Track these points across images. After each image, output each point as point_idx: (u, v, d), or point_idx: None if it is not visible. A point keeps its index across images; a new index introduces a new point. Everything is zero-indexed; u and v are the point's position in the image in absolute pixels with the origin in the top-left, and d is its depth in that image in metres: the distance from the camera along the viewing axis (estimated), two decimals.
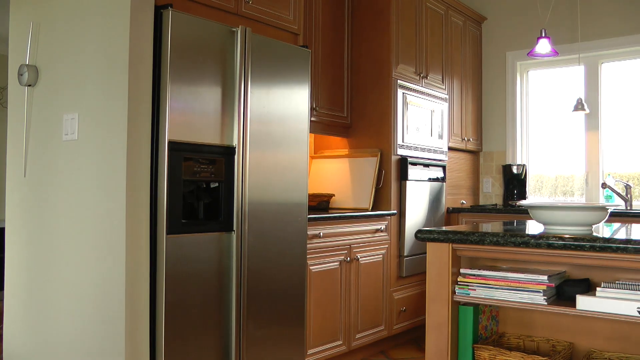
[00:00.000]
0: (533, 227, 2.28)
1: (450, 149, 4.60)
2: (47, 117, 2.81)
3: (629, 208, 4.42)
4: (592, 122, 4.73)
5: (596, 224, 2.14)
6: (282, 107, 3.03)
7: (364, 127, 3.95)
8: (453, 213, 4.50)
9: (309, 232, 3.23)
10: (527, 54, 2.95)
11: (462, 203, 4.75)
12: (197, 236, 2.65)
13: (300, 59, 3.14)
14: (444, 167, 4.35)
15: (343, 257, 3.48)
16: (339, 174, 3.93)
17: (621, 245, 1.77)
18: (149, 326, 2.50)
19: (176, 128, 2.54)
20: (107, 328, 2.49)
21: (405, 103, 3.93)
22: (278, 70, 3.01)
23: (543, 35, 2.79)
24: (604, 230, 2.23)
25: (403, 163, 3.89)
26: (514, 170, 4.61)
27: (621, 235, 1.98)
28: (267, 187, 2.94)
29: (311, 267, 3.27)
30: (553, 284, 1.94)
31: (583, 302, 1.87)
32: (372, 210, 3.75)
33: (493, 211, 4.42)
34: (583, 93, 4.73)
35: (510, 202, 4.61)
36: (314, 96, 3.70)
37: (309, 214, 3.29)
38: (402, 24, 3.98)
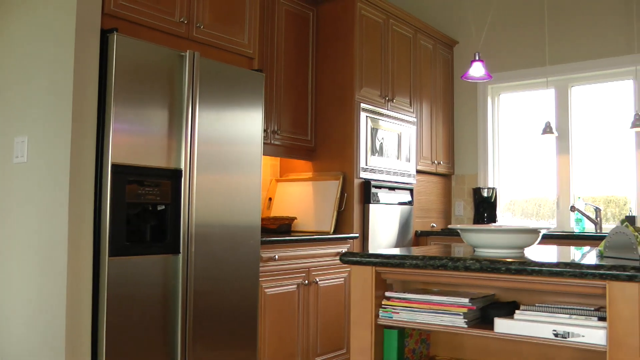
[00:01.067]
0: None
1: (419, 172, 4.59)
2: (1, 140, 2.85)
3: (598, 231, 4.37)
4: (563, 145, 4.72)
5: (528, 246, 2.12)
6: (234, 130, 3.05)
7: (328, 150, 3.96)
8: (422, 236, 4.47)
9: (264, 255, 3.23)
10: (461, 77, 2.96)
11: (433, 226, 4.72)
12: (142, 258, 2.65)
13: (254, 82, 3.17)
14: (411, 191, 4.34)
15: (301, 280, 3.46)
16: (303, 197, 3.93)
17: (536, 268, 1.76)
18: (90, 349, 2.49)
19: (120, 151, 2.56)
20: (47, 349, 2.48)
21: (369, 126, 3.94)
22: (230, 93, 3.04)
23: (477, 58, 2.81)
24: (535, 252, 2.20)
25: (367, 186, 3.89)
26: (484, 193, 4.59)
27: (549, 258, 1.96)
28: (216, 210, 2.95)
29: (266, 290, 3.25)
30: (474, 307, 1.91)
31: (501, 325, 1.84)
32: (334, 234, 3.73)
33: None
34: (554, 116, 4.74)
35: None
36: (275, 119, 3.72)
37: (269, 237, 3.30)
38: (367, 48, 4.02)
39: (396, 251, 2.18)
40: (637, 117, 4.12)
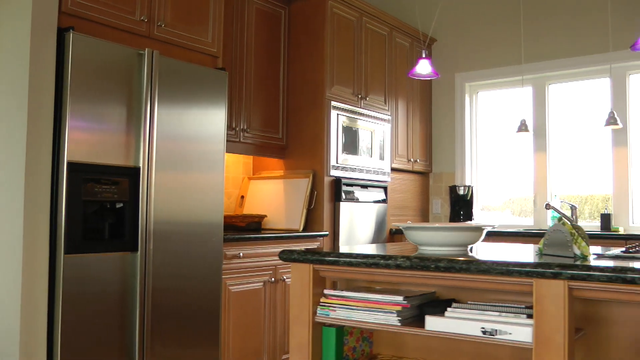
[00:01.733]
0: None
1: (395, 170, 4.58)
2: None
3: None
4: (540, 144, 4.69)
5: (471, 244, 2.11)
6: (196, 128, 3.05)
7: (299, 148, 3.96)
8: (397, 234, 4.46)
9: (228, 253, 3.23)
10: (408, 74, 2.94)
11: (409, 224, 4.69)
12: (99, 256, 2.66)
13: (217, 81, 3.17)
14: (385, 188, 4.33)
15: (268, 277, 3.46)
16: (274, 195, 3.93)
17: (464, 266, 1.75)
18: (46, 349, 2.50)
19: (77, 149, 2.57)
20: (1, 345, 2.49)
21: (340, 124, 3.94)
22: (191, 92, 3.04)
23: (424, 56, 2.80)
24: (479, 250, 2.19)
25: (337, 184, 3.88)
26: (460, 191, 4.57)
27: (486, 255, 1.95)
28: (177, 207, 2.95)
29: (230, 287, 3.25)
30: (409, 305, 1.90)
31: (431, 323, 1.83)
32: (303, 232, 3.73)
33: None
34: (531, 114, 4.71)
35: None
36: (245, 118, 3.72)
37: (232, 235, 3.30)
38: (339, 46, 4.01)
39: (347, 249, 2.18)
40: (611, 115, 4.09)
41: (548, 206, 4.33)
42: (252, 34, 3.79)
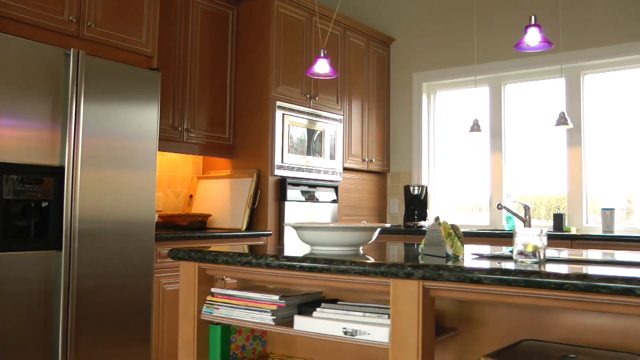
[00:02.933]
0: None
1: (348, 169, 4.57)
2: None
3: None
4: (496, 144, 4.67)
5: (362, 244, 2.11)
6: (126, 127, 3.07)
7: (246, 147, 3.97)
8: None
9: (162, 251, 3.24)
10: (306, 72, 2.92)
11: (364, 224, 4.69)
12: (21, 255, 2.69)
13: (149, 81, 3.19)
14: (336, 188, 4.32)
15: None
16: (220, 195, 3.95)
17: (325, 266, 1.75)
18: None
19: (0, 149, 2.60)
20: None
21: (286, 124, 3.94)
22: (121, 91, 3.06)
23: (322, 55, 2.79)
24: (369, 251, 2.18)
25: (282, 183, 3.89)
26: (414, 191, 4.55)
27: (377, 256, 1.95)
28: (105, 206, 2.97)
29: (164, 285, 3.27)
30: (284, 304, 1.90)
31: (299, 323, 1.83)
32: (247, 231, 3.74)
33: (392, 232, 4.36)
34: (488, 114, 4.69)
35: (407, 223, 4.54)
36: (189, 118, 3.74)
37: (173, 234, 3.33)
38: (287, 46, 4.01)
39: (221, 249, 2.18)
40: (562, 115, 4.05)
41: (500, 206, 4.32)
42: (197, 35, 3.80)
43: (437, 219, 1.91)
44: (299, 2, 4.10)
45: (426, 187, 4.62)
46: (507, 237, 3.98)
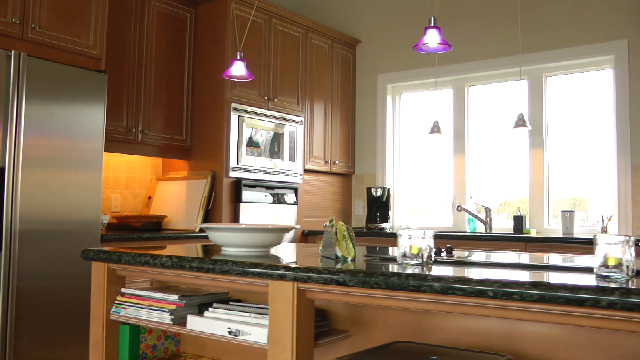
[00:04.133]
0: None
1: (310, 171, 4.58)
2: None
3: (488, 231, 4.30)
4: (459, 146, 4.66)
5: (271, 245, 2.12)
6: (70, 128, 3.10)
7: (202, 149, 4.00)
8: (310, 235, 4.46)
9: None
10: (222, 75, 2.92)
11: (326, 225, 4.70)
12: None
13: (95, 82, 3.22)
14: (296, 190, 4.34)
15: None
16: (177, 196, 3.98)
17: (210, 266, 1.76)
18: None
19: None
20: None
21: (242, 126, 3.96)
22: (65, 93, 3.09)
23: (239, 57, 2.80)
24: (280, 251, 2.20)
25: (237, 185, 3.91)
26: (375, 193, 4.56)
27: (286, 256, 1.96)
28: (48, 207, 3.00)
29: None
30: (183, 304, 1.92)
31: (191, 323, 1.85)
32: (200, 232, 3.76)
33: (357, 234, 4.35)
34: (452, 116, 4.68)
35: (369, 225, 4.54)
36: (144, 119, 3.77)
37: (120, 234, 3.36)
38: (244, 48, 4.01)
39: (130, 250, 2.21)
40: (520, 117, 4.04)
41: (459, 208, 4.32)
42: (153, 37, 3.84)
43: (331, 220, 1.92)
44: (258, 5, 4.12)
45: (388, 189, 4.62)
46: (468, 239, 3.97)
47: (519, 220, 4.17)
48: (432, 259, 1.68)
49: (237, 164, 3.92)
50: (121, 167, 3.97)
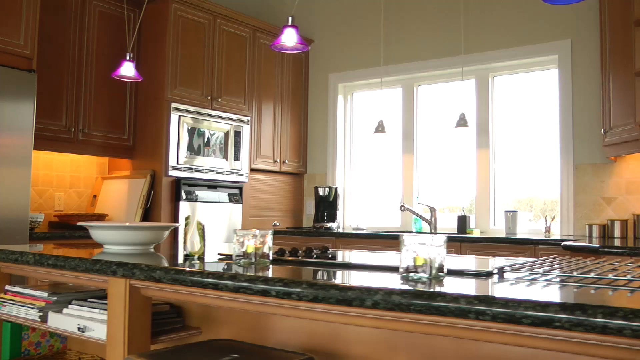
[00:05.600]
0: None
1: (258, 170, 4.61)
2: None
3: (432, 231, 4.29)
4: (408, 145, 4.66)
5: (153, 242, 2.15)
6: None
7: (145, 148, 4.05)
8: None
9: None
10: (112, 75, 2.95)
11: (275, 225, 4.73)
12: None
13: (23, 81, 3.28)
14: (241, 189, 4.37)
15: None
16: (119, 195, 4.03)
17: (62, 263, 1.80)
18: None
19: None
20: None
21: (183, 125, 4.00)
22: None
23: (128, 58, 2.84)
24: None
25: (177, 184, 3.96)
26: (321, 192, 4.57)
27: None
28: None
29: None
30: (52, 301, 1.96)
31: (52, 319, 1.89)
32: None
33: (301, 234, 4.38)
34: (401, 116, 4.69)
35: (316, 225, 4.56)
36: (83, 118, 3.82)
37: (51, 233, 3.42)
38: (187, 49, 4.07)
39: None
40: (462, 117, 4.03)
41: (403, 208, 4.31)
42: (94, 36, 3.89)
43: (187, 218, 1.95)
44: (201, 5, 4.15)
45: (336, 189, 4.63)
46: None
47: (462, 220, 4.16)
48: (270, 258, 1.69)
49: (177, 163, 3.97)
50: (65, 166, 4.03)
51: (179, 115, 3.99)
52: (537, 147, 4.22)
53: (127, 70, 2.77)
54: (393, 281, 1.29)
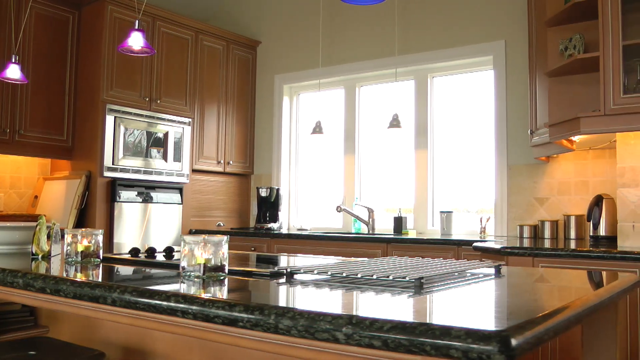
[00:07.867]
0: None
1: (200, 171, 4.64)
2: None
3: (370, 232, 4.30)
4: (349, 146, 4.67)
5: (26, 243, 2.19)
6: None
7: (82, 149, 4.10)
8: (197, 234, 4.50)
9: None
10: None
11: (219, 225, 4.76)
12: None
13: None
14: (181, 189, 4.41)
15: None
16: (58, 196, 4.09)
17: None
18: None
19: None
20: None
21: (119, 126, 4.05)
22: None
23: (13, 60, 2.88)
24: None
25: (113, 185, 4.00)
26: (263, 193, 4.59)
27: None
28: None
29: None
30: None
31: None
32: None
33: (241, 234, 4.40)
34: (343, 116, 4.70)
35: (257, 225, 4.58)
36: (20, 119, 3.88)
37: None
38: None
39: None
40: (394, 118, 4.04)
41: (339, 209, 4.32)
42: (31, 38, 3.95)
43: (40, 217, 1.98)
44: (139, 8, 4.19)
45: (277, 189, 4.65)
46: (333, 240, 3.98)
47: (398, 221, 4.17)
48: (100, 257, 1.73)
49: (113, 164, 4.01)
50: (5, 167, 4.10)
51: (115, 117, 4.04)
52: (475, 148, 4.21)
53: (13, 72, 2.82)
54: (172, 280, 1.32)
